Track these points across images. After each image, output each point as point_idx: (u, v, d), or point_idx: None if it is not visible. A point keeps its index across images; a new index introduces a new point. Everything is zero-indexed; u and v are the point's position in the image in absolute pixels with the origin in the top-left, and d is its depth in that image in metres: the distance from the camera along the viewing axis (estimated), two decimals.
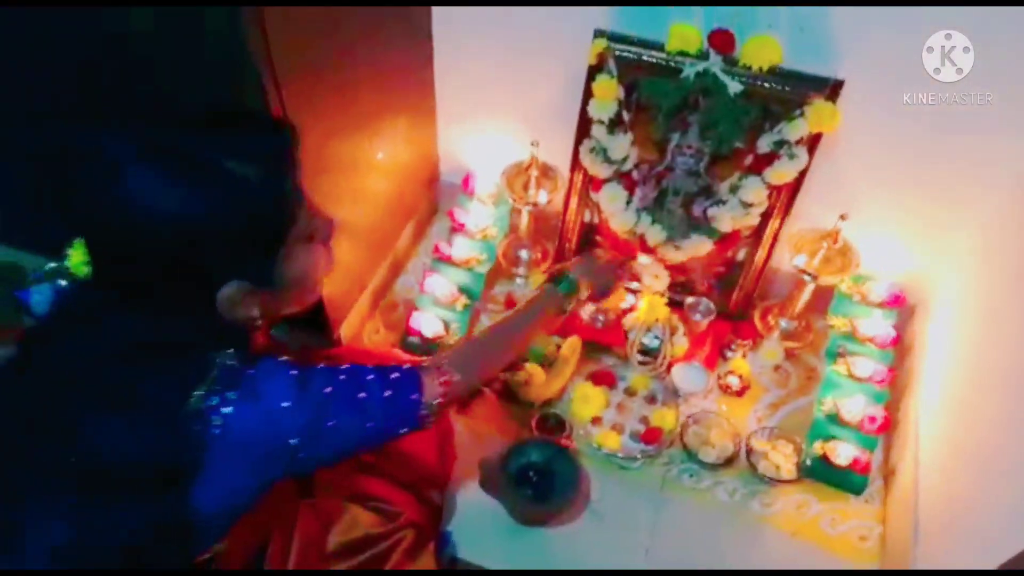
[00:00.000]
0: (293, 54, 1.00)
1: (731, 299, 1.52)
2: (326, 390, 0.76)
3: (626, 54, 1.23)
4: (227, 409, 0.70)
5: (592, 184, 1.42)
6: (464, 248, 1.54)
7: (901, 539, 1.18)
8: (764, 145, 1.25)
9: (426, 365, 0.88)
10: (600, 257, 1.31)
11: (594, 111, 1.29)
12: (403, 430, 0.84)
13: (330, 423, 0.76)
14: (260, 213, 0.71)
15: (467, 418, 1.35)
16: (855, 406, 1.31)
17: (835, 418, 1.32)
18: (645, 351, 1.43)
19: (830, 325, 1.43)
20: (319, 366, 0.79)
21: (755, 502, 1.30)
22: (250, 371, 0.73)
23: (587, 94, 1.29)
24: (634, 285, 1.50)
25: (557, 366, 1.41)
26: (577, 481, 1.24)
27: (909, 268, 1.43)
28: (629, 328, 1.45)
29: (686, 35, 1.18)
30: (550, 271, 1.33)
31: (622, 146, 1.32)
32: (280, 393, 0.73)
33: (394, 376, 0.83)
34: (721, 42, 1.17)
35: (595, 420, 1.38)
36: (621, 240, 1.46)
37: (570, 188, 1.46)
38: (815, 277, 1.37)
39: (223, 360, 0.71)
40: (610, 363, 1.47)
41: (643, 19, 1.22)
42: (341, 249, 0.86)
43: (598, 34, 1.23)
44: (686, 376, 1.42)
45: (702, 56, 1.20)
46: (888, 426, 1.31)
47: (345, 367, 0.80)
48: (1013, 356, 1.04)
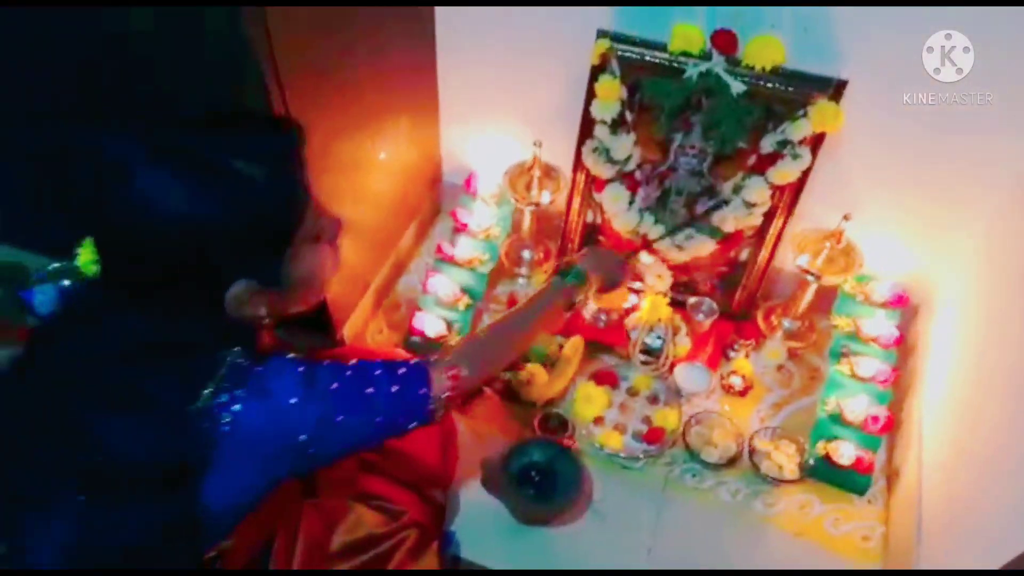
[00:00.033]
0: (296, 54, 1.00)
1: (734, 299, 1.51)
2: (333, 386, 0.77)
3: (629, 54, 1.23)
4: (236, 407, 0.70)
5: (595, 184, 1.42)
6: (467, 248, 1.54)
7: (904, 539, 1.18)
8: (767, 145, 1.25)
9: (434, 359, 0.89)
10: (608, 249, 1.31)
11: (597, 111, 1.29)
12: (412, 424, 0.85)
13: (339, 418, 0.76)
14: (268, 213, 0.71)
15: (469, 418, 1.35)
16: (858, 406, 1.31)
17: (838, 418, 1.32)
18: (648, 351, 1.43)
19: (833, 325, 1.43)
20: (326, 362, 0.79)
21: (758, 502, 1.30)
22: (258, 369, 0.73)
23: (590, 94, 1.29)
24: (637, 285, 1.50)
25: (559, 366, 1.41)
26: (579, 481, 1.25)
27: (912, 268, 1.43)
28: (631, 328, 1.45)
29: (689, 35, 1.18)
30: (558, 263, 1.33)
31: (625, 146, 1.32)
32: (288, 390, 0.74)
33: (401, 371, 0.83)
34: (724, 42, 1.17)
35: (597, 420, 1.38)
36: (624, 240, 1.46)
37: (573, 188, 1.46)
38: (818, 277, 1.36)
39: (231, 358, 0.72)
40: (612, 363, 1.47)
41: (646, 19, 1.22)
42: (344, 249, 0.86)
43: (601, 34, 1.23)
44: (689, 376, 1.42)
45: (705, 56, 1.20)
46: (891, 426, 1.31)
47: (352, 363, 0.81)
48: (1017, 356, 1.04)
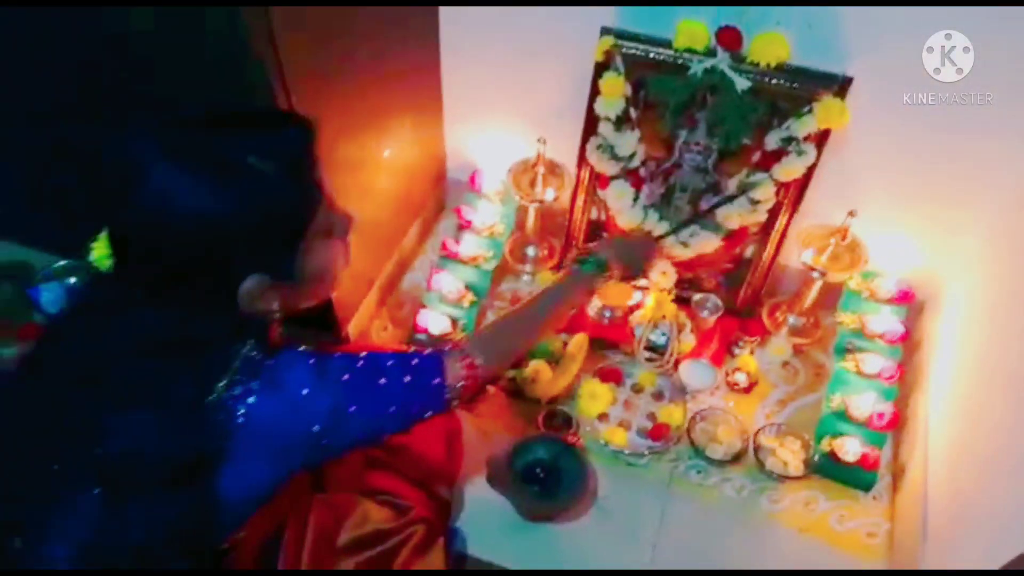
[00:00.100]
0: (301, 54, 1.01)
1: (739, 296, 1.51)
2: (344, 377, 0.77)
3: (633, 51, 1.23)
4: (250, 399, 0.71)
5: (599, 181, 1.42)
6: (471, 245, 1.54)
7: (910, 536, 1.18)
8: (772, 142, 1.25)
9: (449, 349, 0.89)
10: (640, 236, 1.30)
11: (601, 108, 1.29)
12: (428, 414, 0.85)
13: (351, 409, 0.77)
14: (282, 209, 0.71)
15: (474, 415, 1.35)
16: (863, 402, 1.31)
17: (843, 414, 1.32)
18: (652, 348, 1.43)
19: (838, 321, 1.43)
20: (337, 354, 0.80)
21: (763, 499, 1.30)
22: (270, 361, 0.74)
23: (594, 91, 1.29)
24: (641, 282, 1.50)
25: (564, 363, 1.41)
26: (584, 478, 1.25)
27: (918, 264, 1.43)
28: (636, 325, 1.46)
29: (694, 32, 1.18)
30: (579, 251, 1.32)
31: (629, 143, 1.32)
32: (300, 381, 0.74)
33: (415, 362, 0.84)
34: (729, 39, 1.17)
35: (602, 417, 1.38)
36: None
37: (577, 185, 1.46)
38: (823, 273, 1.36)
39: (245, 351, 0.72)
40: (617, 360, 1.47)
41: (650, 16, 1.22)
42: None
43: (605, 32, 1.23)
44: (693, 373, 1.42)
45: (710, 53, 1.19)
46: (897, 423, 1.31)
47: (364, 354, 0.81)
48: (1021, 352, 1.04)
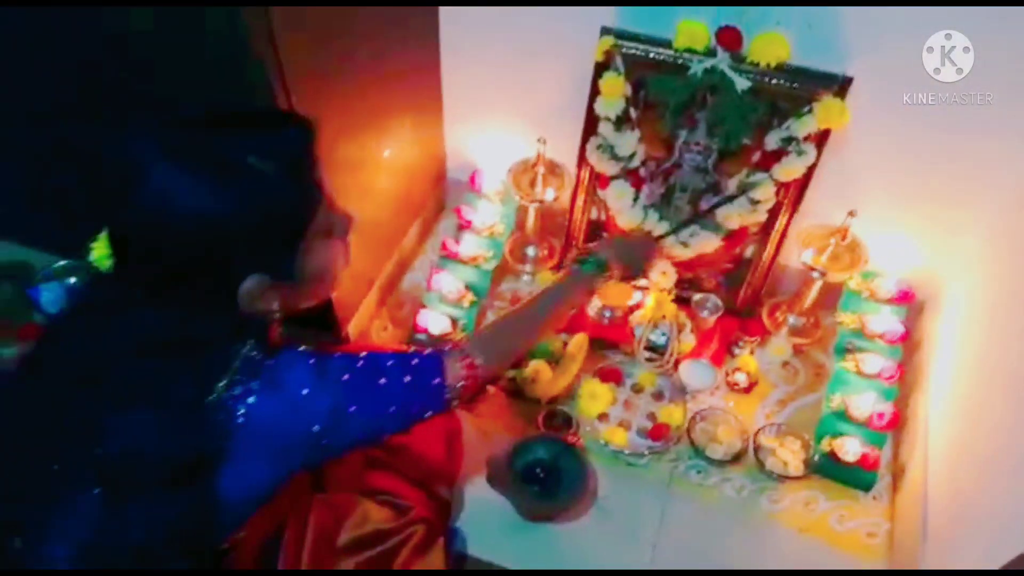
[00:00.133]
0: (301, 54, 1.01)
1: (739, 296, 1.51)
2: (344, 377, 0.77)
3: (633, 51, 1.23)
4: (250, 399, 0.71)
5: (599, 181, 1.42)
6: (471, 245, 1.54)
7: (910, 536, 1.18)
8: (772, 142, 1.25)
9: (449, 349, 0.89)
10: (639, 235, 1.30)
11: (601, 108, 1.29)
12: (428, 413, 0.85)
13: (351, 409, 0.77)
14: (282, 209, 0.72)
15: (474, 415, 1.35)
16: (864, 402, 1.31)
17: (843, 414, 1.32)
18: (652, 348, 1.43)
19: (838, 321, 1.43)
20: (337, 354, 0.80)
21: (763, 499, 1.30)
22: (270, 361, 0.74)
23: (594, 91, 1.29)
24: (641, 282, 1.50)
25: (564, 363, 1.41)
26: (584, 478, 1.25)
27: (918, 264, 1.43)
28: (636, 325, 1.46)
29: (694, 32, 1.18)
30: (579, 251, 1.32)
31: (629, 143, 1.32)
32: (300, 381, 0.74)
33: (415, 362, 0.84)
34: (729, 39, 1.17)
35: (602, 417, 1.38)
36: None
37: (577, 185, 1.46)
38: (823, 273, 1.36)
39: (245, 351, 0.72)
40: (617, 360, 1.47)
41: (650, 16, 1.22)
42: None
43: (605, 32, 1.23)
44: (693, 373, 1.42)
45: (710, 53, 1.19)
46: (897, 423, 1.31)
47: (364, 354, 0.81)
48: (1021, 353, 1.04)
